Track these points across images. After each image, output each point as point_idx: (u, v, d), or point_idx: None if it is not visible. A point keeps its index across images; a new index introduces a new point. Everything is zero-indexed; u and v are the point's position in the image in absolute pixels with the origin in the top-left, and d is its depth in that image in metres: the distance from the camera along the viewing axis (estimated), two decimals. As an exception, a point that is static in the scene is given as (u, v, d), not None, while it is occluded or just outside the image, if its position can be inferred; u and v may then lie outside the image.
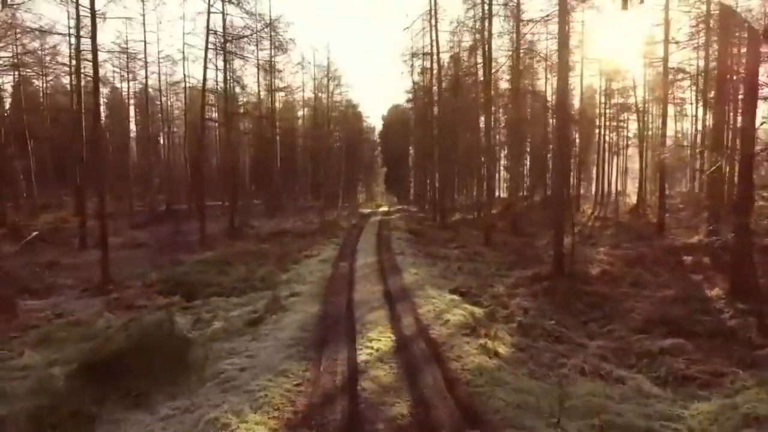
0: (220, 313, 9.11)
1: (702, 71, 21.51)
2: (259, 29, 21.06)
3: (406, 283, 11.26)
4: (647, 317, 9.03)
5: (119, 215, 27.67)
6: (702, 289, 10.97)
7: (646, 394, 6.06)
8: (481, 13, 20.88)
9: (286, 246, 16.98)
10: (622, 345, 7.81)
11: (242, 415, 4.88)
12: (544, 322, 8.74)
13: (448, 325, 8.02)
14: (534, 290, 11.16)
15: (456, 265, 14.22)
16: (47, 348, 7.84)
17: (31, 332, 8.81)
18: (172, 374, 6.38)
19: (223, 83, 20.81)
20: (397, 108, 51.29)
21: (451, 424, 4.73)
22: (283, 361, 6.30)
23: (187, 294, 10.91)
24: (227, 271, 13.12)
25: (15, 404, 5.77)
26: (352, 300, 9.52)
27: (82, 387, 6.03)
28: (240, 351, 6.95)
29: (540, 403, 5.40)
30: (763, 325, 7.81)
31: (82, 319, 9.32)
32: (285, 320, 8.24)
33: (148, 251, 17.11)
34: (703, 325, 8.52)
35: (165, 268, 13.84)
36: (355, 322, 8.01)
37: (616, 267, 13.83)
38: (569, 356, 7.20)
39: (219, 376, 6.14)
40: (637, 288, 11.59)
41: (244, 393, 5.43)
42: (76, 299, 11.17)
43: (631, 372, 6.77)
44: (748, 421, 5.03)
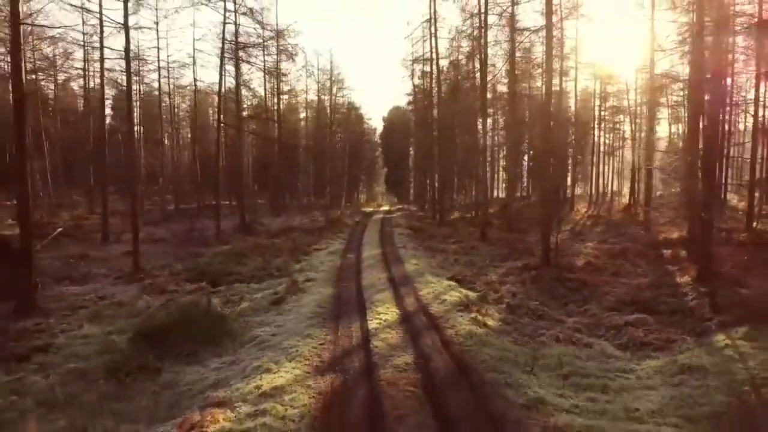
0: (245, 296, 10.41)
1: (687, 78, 22.78)
2: (269, 38, 22.34)
3: (407, 271, 12.54)
4: (620, 299, 10.31)
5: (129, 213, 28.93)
6: (673, 277, 12.21)
7: (608, 355, 7.33)
8: (478, 23, 22.13)
9: (296, 240, 18.27)
10: (595, 320, 9.07)
11: (280, 363, 6.16)
12: (529, 303, 10.00)
13: (445, 303, 9.30)
14: (523, 278, 12.41)
15: (453, 258, 15.48)
16: (100, 323, 9.12)
17: (80, 311, 10.08)
18: (214, 340, 7.67)
19: (235, 88, 22.04)
20: (398, 109, 52.57)
21: (445, 369, 6.01)
22: (306, 328, 7.58)
23: (211, 281, 12.17)
24: (245, 262, 14.38)
25: (89, 361, 7.06)
26: (361, 284, 10.80)
27: (142, 349, 7.30)
28: (269, 322, 8.23)
29: (518, 359, 6.69)
30: (713, 303, 9.07)
31: (124, 301, 10.60)
32: (304, 300, 9.52)
33: (167, 246, 18.36)
34: (667, 304, 9.79)
35: (187, 260, 15.10)
36: (365, 300, 9.28)
37: (600, 259, 15.09)
38: (548, 329, 8.45)
39: (254, 339, 7.43)
40: (616, 276, 12.85)
41: (279, 350, 6.71)
42: (112, 285, 12.44)
43: (599, 340, 8.03)
44: (683, 370, 6.30)
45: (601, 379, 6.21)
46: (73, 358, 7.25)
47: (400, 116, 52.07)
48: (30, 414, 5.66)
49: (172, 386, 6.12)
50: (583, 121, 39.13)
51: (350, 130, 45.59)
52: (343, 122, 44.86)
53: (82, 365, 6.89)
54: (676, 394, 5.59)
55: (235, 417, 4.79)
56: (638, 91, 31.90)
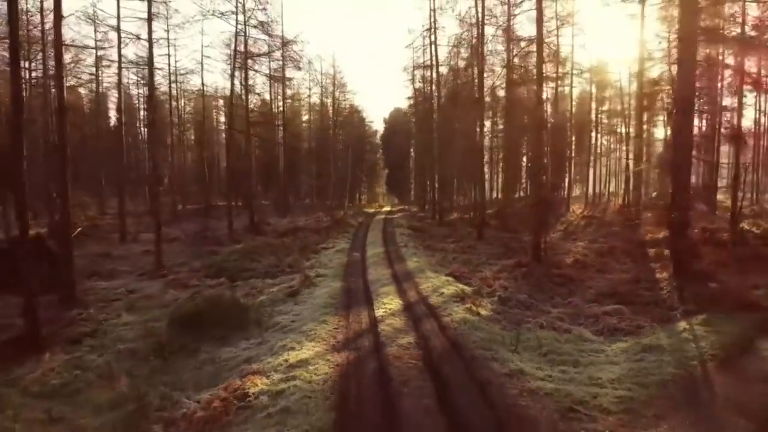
0: (262, 290, 11.52)
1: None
2: (276, 48, 23.46)
3: (409, 268, 13.65)
4: (600, 292, 11.41)
5: (141, 214, 30.06)
6: (653, 273, 13.31)
7: (584, 339, 8.42)
8: (476, 33, 23.21)
9: (304, 240, 19.38)
10: (576, 311, 10.15)
11: (302, 343, 7.28)
12: (518, 296, 11.09)
13: (443, 296, 10.41)
14: (515, 274, 13.49)
15: (452, 256, 16.58)
16: (135, 313, 10.24)
17: (114, 303, 11.20)
18: (241, 326, 8.79)
19: (244, 95, 23.16)
20: (399, 111, 53.71)
21: (441, 347, 7.11)
22: (321, 316, 8.70)
23: (229, 277, 13.29)
24: (258, 259, 15.49)
25: (135, 343, 8.18)
26: (367, 279, 11.91)
27: (179, 333, 8.43)
28: (287, 311, 9.35)
29: (504, 341, 7.79)
30: (681, 295, 10.17)
31: (152, 294, 11.72)
32: (316, 292, 10.64)
33: (182, 245, 19.48)
34: (642, 297, 10.88)
35: (203, 258, 16.22)
36: (371, 293, 10.39)
37: (589, 257, 16.19)
38: (534, 318, 9.54)
39: (277, 325, 8.55)
40: (601, 273, 13.95)
41: (299, 333, 7.82)
42: (137, 281, 13.56)
43: (578, 327, 9.11)
44: (644, 350, 7.39)
45: (574, 356, 7.31)
46: (119, 341, 8.37)
47: (400, 118, 53.20)
48: (94, 383, 6.78)
49: (210, 363, 7.24)
50: (580, 124, 40.17)
51: (354, 134, 46.70)
52: (345, 125, 45.97)
53: (130, 346, 8.02)
54: (635, 367, 6.69)
55: (270, 382, 5.90)
56: (631, 96, 32.96)
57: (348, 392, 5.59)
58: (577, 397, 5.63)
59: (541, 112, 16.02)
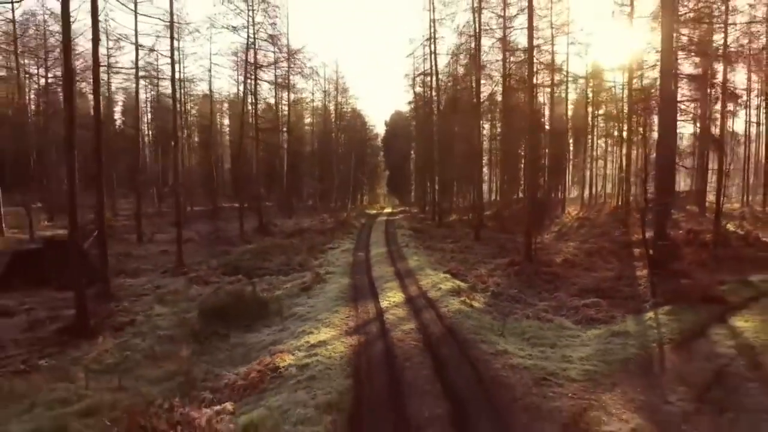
0: (278, 285, 12.71)
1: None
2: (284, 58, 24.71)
3: (410, 266, 14.84)
4: (584, 288, 12.58)
5: (151, 215, 31.30)
6: (634, 271, 14.50)
7: (564, 327, 9.60)
8: (473, 43, 24.41)
9: (311, 240, 20.59)
10: (559, 304, 11.33)
11: (318, 328, 8.47)
12: (509, 291, 12.29)
13: (441, 290, 11.60)
14: (507, 272, 14.69)
15: (450, 255, 17.77)
16: (165, 305, 11.44)
17: (144, 298, 12.40)
18: (262, 316, 9.99)
19: (253, 103, 24.39)
20: (400, 114, 54.90)
21: (439, 332, 8.31)
22: (333, 307, 9.89)
23: (245, 274, 14.49)
24: (270, 258, 16.69)
25: (171, 330, 9.38)
26: (372, 276, 13.11)
27: (209, 322, 9.62)
28: (303, 303, 10.55)
29: (493, 328, 8.98)
30: (654, 291, 11.35)
31: (177, 290, 12.92)
32: (327, 287, 11.84)
33: (196, 245, 20.66)
34: (620, 292, 12.09)
35: (219, 257, 17.42)
36: (376, 288, 11.59)
37: (578, 257, 17.37)
38: (521, 310, 10.73)
39: (294, 315, 9.75)
40: (587, 271, 15.13)
41: (315, 320, 9.02)
42: (161, 278, 14.76)
43: (560, 317, 10.29)
44: (613, 335, 8.57)
45: (553, 341, 8.49)
46: (157, 329, 9.56)
47: (401, 121, 54.38)
48: (143, 362, 7.98)
49: (240, 346, 8.44)
50: (578, 127, 41.31)
51: (356, 138, 47.92)
52: (348, 129, 47.19)
53: (167, 333, 9.22)
54: (602, 348, 7.87)
55: (296, 358, 7.10)
56: (624, 101, 34.15)
57: (361, 365, 6.79)
58: (550, 370, 6.81)
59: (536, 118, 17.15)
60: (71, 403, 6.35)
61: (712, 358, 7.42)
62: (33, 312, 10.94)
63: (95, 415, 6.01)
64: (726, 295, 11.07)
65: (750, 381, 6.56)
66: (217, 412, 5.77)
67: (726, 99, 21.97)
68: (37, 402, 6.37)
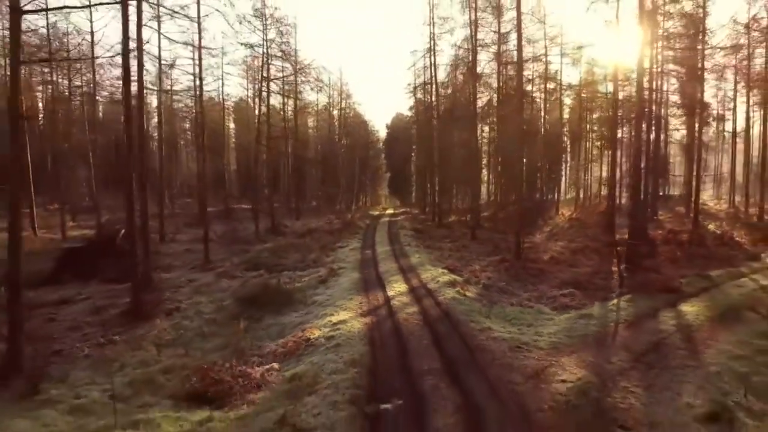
0: (297, 279, 14.55)
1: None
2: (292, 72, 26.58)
3: (412, 262, 16.68)
4: (563, 281, 14.41)
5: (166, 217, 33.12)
6: (610, 267, 16.29)
7: (541, 312, 11.42)
8: (470, 57, 26.25)
9: (321, 240, 22.43)
10: (541, 294, 13.16)
11: (337, 312, 10.32)
12: (498, 284, 14.12)
13: (439, 283, 13.43)
14: (498, 268, 16.51)
15: (447, 253, 19.60)
16: (202, 295, 13.28)
17: (180, 289, 14.24)
18: (288, 303, 11.84)
19: (266, 114, 26.25)
20: (401, 117, 56.72)
21: (436, 315, 10.15)
22: (348, 295, 11.74)
23: (266, 270, 16.32)
24: (285, 256, 18.53)
25: (213, 314, 11.24)
26: (379, 270, 14.96)
27: (243, 308, 11.47)
28: (321, 293, 12.40)
29: (481, 312, 10.81)
30: (622, 283, 13.20)
31: (209, 283, 14.77)
32: (341, 280, 13.69)
33: (216, 244, 22.43)
34: (594, 284, 13.92)
35: (239, 255, 19.25)
36: (383, 280, 13.44)
37: (564, 254, 19.19)
38: (507, 299, 12.56)
39: (315, 302, 11.60)
40: (570, 267, 16.94)
41: (334, 306, 10.87)
42: (191, 273, 16.61)
43: (539, 305, 12.10)
44: (580, 317, 10.40)
45: (530, 322, 10.32)
46: (201, 313, 11.42)
47: (402, 124, 56.19)
48: (189, 334, 9.84)
49: (274, 325, 10.29)
50: (574, 131, 43.07)
51: (359, 142, 49.76)
52: (351, 133, 49.05)
53: (210, 316, 11.08)
54: (568, 327, 9.71)
55: (322, 332, 8.95)
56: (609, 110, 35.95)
57: (374, 337, 8.63)
58: (524, 341, 8.65)
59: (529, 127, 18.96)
60: (151, 365, 8.21)
61: (655, 333, 9.27)
62: (89, 301, 12.80)
63: (171, 373, 7.88)
64: (683, 286, 12.93)
65: (679, 349, 8.41)
66: (266, 369, 7.64)
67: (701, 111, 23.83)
68: (124, 364, 8.23)
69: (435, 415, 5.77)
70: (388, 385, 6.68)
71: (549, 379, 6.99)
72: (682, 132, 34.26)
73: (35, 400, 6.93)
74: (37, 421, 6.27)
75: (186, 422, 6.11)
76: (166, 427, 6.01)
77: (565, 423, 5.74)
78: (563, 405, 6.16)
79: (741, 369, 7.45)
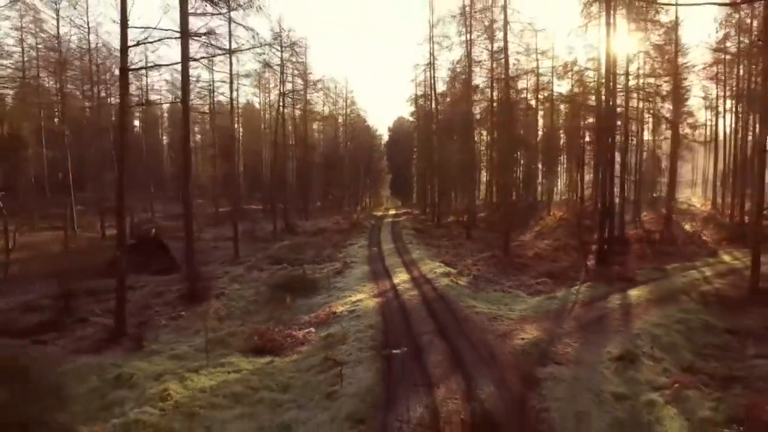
0: (316, 270, 17.26)
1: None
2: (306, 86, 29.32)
3: (413, 257, 19.38)
4: (541, 272, 17.09)
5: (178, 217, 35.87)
6: (584, 261, 18.93)
7: (518, 296, 14.11)
8: (466, 72, 28.92)
9: (332, 238, 25.15)
10: (520, 283, 15.84)
11: (355, 294, 13.05)
12: (486, 275, 16.81)
13: (436, 273, 16.12)
14: (488, 262, 19.20)
15: (445, 250, 22.29)
16: (238, 283, 15.99)
17: (219, 279, 16.93)
18: (314, 289, 14.57)
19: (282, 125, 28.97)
20: (403, 120, 59.38)
21: (433, 296, 12.87)
22: (361, 282, 14.47)
23: (288, 263, 19.00)
24: (303, 252, 21.23)
25: (254, 297, 13.96)
26: (385, 264, 17.68)
27: (277, 293, 14.18)
28: (339, 281, 15.16)
29: (469, 295, 13.52)
30: (587, 274, 15.87)
31: (242, 274, 17.47)
32: (354, 271, 16.42)
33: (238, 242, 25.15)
34: (566, 275, 16.57)
35: (261, 251, 21.95)
36: (389, 271, 16.16)
37: (546, 251, 21.87)
38: (492, 286, 15.24)
39: (335, 287, 14.35)
40: (551, 261, 19.61)
41: (351, 290, 13.60)
42: (223, 266, 19.31)
43: (518, 291, 14.78)
44: (547, 299, 13.10)
45: (507, 302, 13.03)
46: (242, 297, 14.13)
47: (404, 127, 58.89)
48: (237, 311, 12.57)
49: (304, 305, 13.00)
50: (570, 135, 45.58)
51: (363, 147, 52.41)
52: (355, 137, 51.75)
53: (251, 299, 13.81)
54: (536, 305, 12.41)
55: (345, 308, 11.67)
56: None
57: (385, 311, 11.34)
58: (499, 314, 11.35)
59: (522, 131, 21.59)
60: (218, 331, 10.92)
61: (602, 309, 11.96)
62: (148, 288, 15.52)
63: (235, 336, 10.58)
64: (638, 277, 15.61)
65: (616, 320, 11.10)
66: (306, 332, 10.36)
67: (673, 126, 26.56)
68: (197, 330, 10.95)
69: (429, 356, 8.47)
70: (397, 340, 9.37)
71: (513, 337, 9.68)
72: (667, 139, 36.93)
73: (143, 352, 9.66)
74: (150, 363, 8.99)
75: (256, 363, 8.83)
76: (244, 365, 8.73)
77: (517, 362, 8.43)
78: (519, 352, 8.86)
79: (656, 332, 10.12)
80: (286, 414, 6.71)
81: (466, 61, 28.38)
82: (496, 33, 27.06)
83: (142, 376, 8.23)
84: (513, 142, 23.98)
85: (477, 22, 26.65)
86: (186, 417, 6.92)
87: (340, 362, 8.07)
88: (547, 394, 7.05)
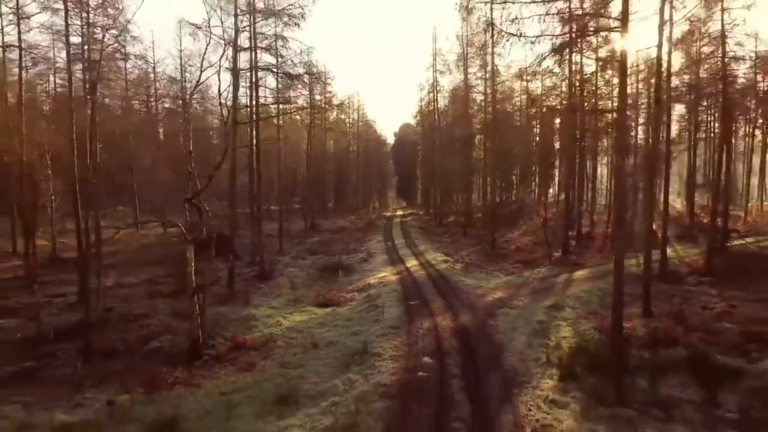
0: (347, 259, 22.76)
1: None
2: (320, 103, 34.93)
3: (420, 250, 24.90)
4: (517, 260, 22.47)
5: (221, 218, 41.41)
6: (551, 253, 24.32)
7: (497, 276, 19.52)
8: (464, 93, 34.32)
9: (352, 235, 30.62)
10: (501, 267, 21.23)
11: (380, 272, 18.62)
12: (476, 262, 22.25)
13: (438, 261, 21.59)
14: (478, 253, 24.65)
15: (445, 245, 27.77)
16: (292, 267, 21.49)
17: (276, 265, 22.43)
18: (350, 271, 20.10)
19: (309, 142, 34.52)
20: (408, 126, 64.75)
21: (436, 275, 18.37)
22: (383, 266, 20.02)
23: (322, 254, 24.51)
24: (332, 246, 26.73)
25: (305, 275, 19.52)
26: (399, 254, 23.21)
27: (323, 274, 19.72)
28: (367, 266, 20.72)
29: (462, 275, 18.97)
30: (551, 261, 21.26)
31: (290, 262, 22.97)
32: (376, 259, 21.94)
33: (274, 239, 30.67)
34: (535, 263, 21.94)
35: (297, 246, 27.47)
36: (403, 259, 21.66)
37: (527, 246, 27.26)
38: (480, 269, 20.67)
39: (365, 270, 19.90)
40: (528, 253, 24.98)
41: (377, 271, 19.14)
42: (273, 256, 24.81)
43: (498, 272, 20.17)
44: (518, 277, 18.52)
45: (488, 279, 18.46)
46: (299, 276, 19.64)
47: (409, 133, 64.29)
48: (299, 284, 18.11)
49: (345, 281, 18.50)
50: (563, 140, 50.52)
51: (373, 154, 57.89)
52: (367, 145, 57.23)
53: (306, 277, 19.33)
54: (507, 281, 17.87)
55: (375, 281, 17.21)
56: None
57: (403, 282, 16.85)
58: (480, 285, 16.81)
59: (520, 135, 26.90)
60: (293, 294, 16.42)
61: (551, 282, 17.36)
62: (222, 271, 21.05)
63: (306, 297, 16.10)
64: (587, 263, 20.97)
65: (558, 288, 16.49)
66: (352, 295, 15.89)
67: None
68: (278, 295, 16.44)
69: (432, 305, 13.92)
70: (412, 297, 14.83)
71: (486, 297, 15.14)
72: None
73: (251, 306, 15.17)
74: (258, 310, 14.51)
75: (325, 310, 14.34)
76: (318, 311, 14.24)
77: (486, 307, 13.86)
78: (488, 304, 14.31)
79: (581, 295, 15.49)
80: (354, 328, 12.23)
81: (464, 86, 33.80)
82: (488, 63, 32.45)
83: (260, 315, 13.77)
84: (504, 152, 29.20)
85: (471, 60, 32.12)
86: (295, 332, 12.44)
87: (380, 306, 13.56)
88: (500, 320, 12.49)
